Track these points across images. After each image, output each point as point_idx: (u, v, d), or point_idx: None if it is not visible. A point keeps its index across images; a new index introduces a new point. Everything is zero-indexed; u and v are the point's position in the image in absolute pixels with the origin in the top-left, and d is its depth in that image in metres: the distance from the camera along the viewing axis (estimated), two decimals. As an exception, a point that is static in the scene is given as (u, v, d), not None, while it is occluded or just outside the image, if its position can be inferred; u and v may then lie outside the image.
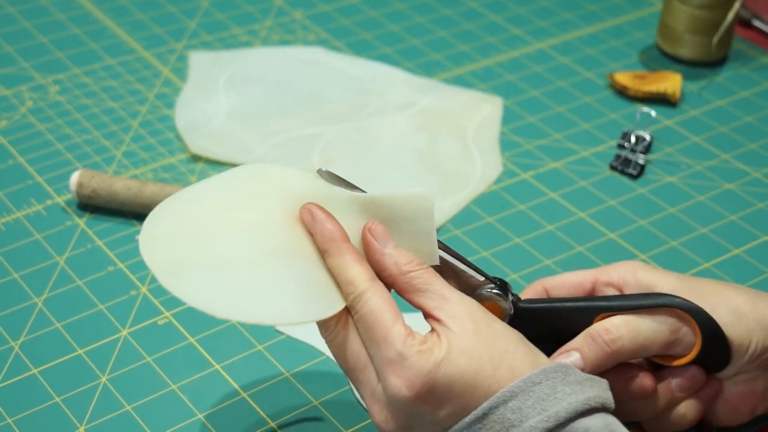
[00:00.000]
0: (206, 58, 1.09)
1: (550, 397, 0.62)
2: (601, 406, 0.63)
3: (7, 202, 0.92)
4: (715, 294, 0.70)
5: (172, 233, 0.66)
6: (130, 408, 0.75)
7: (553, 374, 0.63)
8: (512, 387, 0.62)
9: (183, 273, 0.65)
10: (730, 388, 0.72)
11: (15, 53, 1.10)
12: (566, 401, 0.62)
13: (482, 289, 0.71)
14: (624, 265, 0.73)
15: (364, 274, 0.65)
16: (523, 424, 0.61)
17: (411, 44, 1.14)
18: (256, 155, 0.97)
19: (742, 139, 1.03)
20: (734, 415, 0.73)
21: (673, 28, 1.11)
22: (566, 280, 0.74)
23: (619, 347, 0.69)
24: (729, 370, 0.70)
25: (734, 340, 0.69)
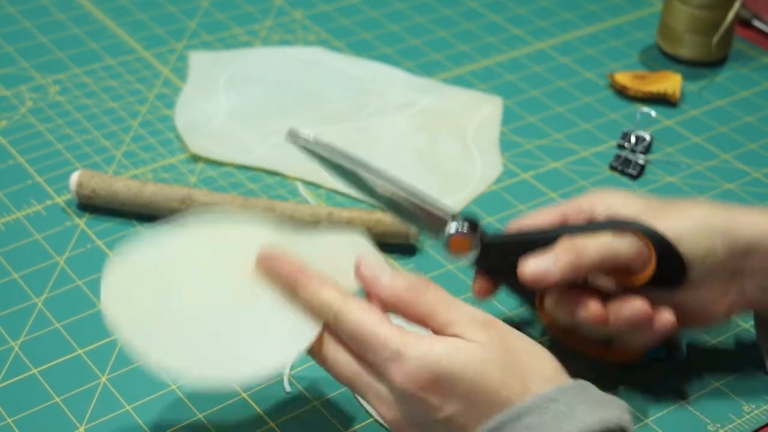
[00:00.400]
0: (206, 58, 1.09)
1: (567, 416, 0.61)
2: (619, 428, 0.62)
3: (6, 202, 0.92)
4: (677, 212, 0.73)
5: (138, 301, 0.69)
6: (130, 408, 0.75)
7: (572, 392, 0.62)
8: (528, 403, 0.61)
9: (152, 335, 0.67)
10: (702, 295, 0.74)
11: (15, 53, 1.10)
12: (582, 421, 0.61)
13: (451, 226, 0.73)
14: (593, 194, 0.76)
15: (334, 293, 0.66)
16: None
17: (411, 44, 1.14)
18: (256, 155, 0.97)
19: (742, 139, 1.03)
20: (711, 319, 0.76)
21: (673, 28, 1.11)
22: (538, 217, 0.76)
23: (587, 257, 0.71)
24: (695, 279, 0.73)
25: (693, 252, 0.72)
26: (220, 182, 0.95)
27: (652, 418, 0.76)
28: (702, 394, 0.78)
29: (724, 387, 0.79)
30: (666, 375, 0.79)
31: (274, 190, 0.94)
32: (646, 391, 0.78)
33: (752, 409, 0.77)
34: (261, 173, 0.96)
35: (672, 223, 0.72)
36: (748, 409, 0.77)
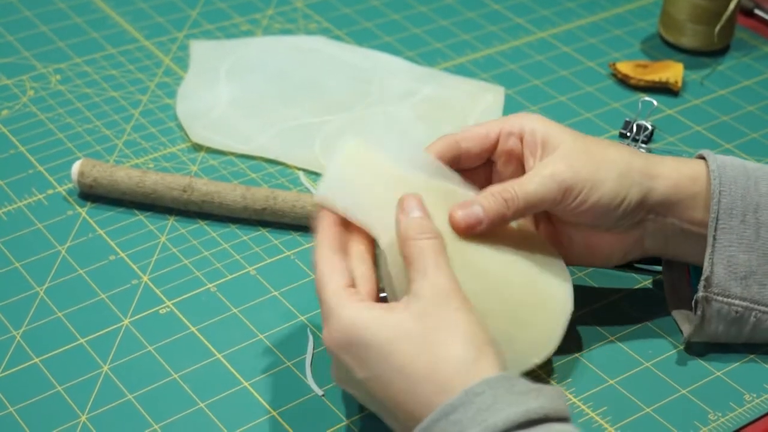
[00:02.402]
0: (207, 47, 1.09)
1: (491, 408, 0.62)
2: (544, 417, 0.63)
3: (8, 191, 0.92)
4: (600, 155, 0.76)
5: None
6: (131, 397, 0.75)
7: (496, 384, 0.63)
8: (454, 400, 0.63)
9: None
10: (605, 237, 0.78)
11: (16, 42, 1.09)
12: (505, 412, 0.62)
13: None
14: (526, 116, 0.79)
15: (321, 240, 0.71)
16: None
17: (412, 33, 1.14)
18: (258, 144, 0.97)
19: (744, 129, 1.03)
20: (605, 259, 0.81)
21: (675, 17, 1.11)
22: (474, 132, 0.79)
23: (515, 205, 0.74)
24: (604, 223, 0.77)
25: (610, 199, 0.75)
26: (222, 171, 0.95)
27: (653, 407, 0.76)
28: (703, 383, 0.78)
29: (724, 376, 0.79)
30: (667, 364, 0.79)
31: (276, 179, 0.94)
32: (647, 380, 0.78)
33: (753, 397, 0.77)
34: (262, 162, 0.96)
35: (596, 167, 0.75)
36: (749, 398, 0.77)
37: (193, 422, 0.74)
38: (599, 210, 0.76)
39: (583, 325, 0.82)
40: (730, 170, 0.78)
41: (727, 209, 0.76)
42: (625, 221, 0.77)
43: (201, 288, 0.84)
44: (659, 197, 0.76)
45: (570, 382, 0.78)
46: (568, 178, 0.75)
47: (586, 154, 0.76)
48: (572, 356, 0.80)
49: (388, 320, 0.66)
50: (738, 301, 0.77)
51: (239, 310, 0.82)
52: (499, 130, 0.79)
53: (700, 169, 0.78)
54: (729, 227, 0.76)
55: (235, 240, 0.88)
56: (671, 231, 0.78)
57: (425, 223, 0.70)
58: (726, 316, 0.77)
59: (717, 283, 0.76)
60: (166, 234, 0.88)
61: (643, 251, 0.80)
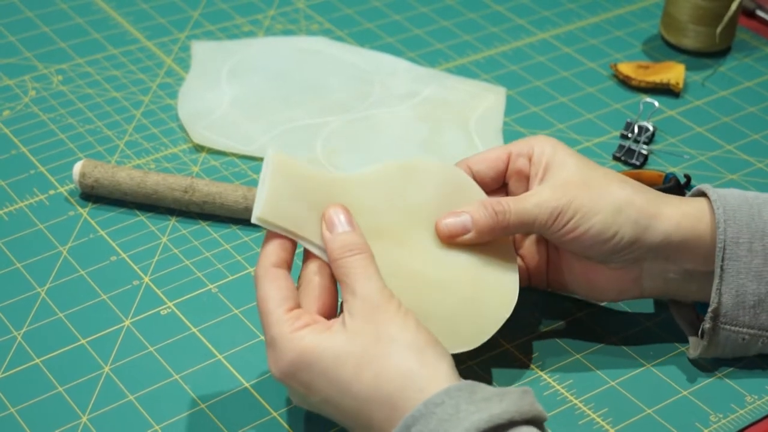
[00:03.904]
0: (209, 48, 1.09)
1: (453, 418, 0.62)
2: (509, 421, 0.62)
3: (9, 192, 0.92)
4: (600, 187, 0.76)
5: None
6: (132, 398, 0.75)
7: (457, 393, 0.63)
8: (414, 412, 0.63)
9: None
10: (601, 271, 0.78)
11: (18, 43, 1.09)
12: (468, 421, 0.62)
13: None
14: (538, 138, 0.79)
15: (261, 260, 0.70)
16: None
17: (414, 34, 1.14)
18: (259, 145, 0.97)
19: (745, 130, 1.03)
20: (600, 294, 0.80)
21: (677, 18, 1.11)
22: (485, 156, 0.79)
23: (506, 220, 0.75)
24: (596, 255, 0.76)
25: (600, 232, 0.75)
26: (223, 172, 0.95)
27: (653, 408, 0.76)
28: (704, 384, 0.78)
29: (726, 378, 0.79)
30: (668, 365, 0.79)
31: (277, 180, 0.94)
32: (648, 381, 0.78)
33: (754, 399, 0.77)
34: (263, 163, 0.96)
35: (592, 198, 0.75)
36: (750, 400, 0.77)
37: (194, 423, 0.74)
38: (589, 241, 0.75)
39: (584, 326, 0.82)
40: (731, 200, 0.77)
41: (733, 238, 0.75)
42: (618, 256, 0.76)
43: (202, 289, 0.84)
44: (659, 237, 0.75)
45: (571, 383, 0.78)
46: (560, 205, 0.75)
47: (585, 184, 0.75)
48: (573, 357, 0.80)
49: (328, 343, 0.66)
50: (746, 329, 0.76)
51: (240, 310, 0.82)
52: (509, 152, 0.78)
53: (702, 207, 0.77)
54: (736, 256, 0.75)
55: (236, 241, 0.88)
56: (672, 273, 0.77)
57: (348, 239, 0.70)
58: (734, 342, 0.77)
59: (725, 313, 0.76)
60: (168, 235, 0.88)
61: (641, 293, 0.79)
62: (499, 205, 0.75)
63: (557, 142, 0.78)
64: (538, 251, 0.81)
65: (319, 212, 0.71)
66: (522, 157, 0.78)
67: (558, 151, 0.77)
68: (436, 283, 0.74)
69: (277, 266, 0.70)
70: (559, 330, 0.82)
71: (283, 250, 0.70)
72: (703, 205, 0.77)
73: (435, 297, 0.73)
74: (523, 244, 0.82)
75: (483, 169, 0.78)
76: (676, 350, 0.81)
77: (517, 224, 0.75)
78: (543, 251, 0.81)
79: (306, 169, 0.72)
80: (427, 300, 0.73)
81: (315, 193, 0.72)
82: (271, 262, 0.70)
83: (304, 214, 0.71)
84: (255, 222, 0.70)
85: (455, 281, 0.74)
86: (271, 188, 0.71)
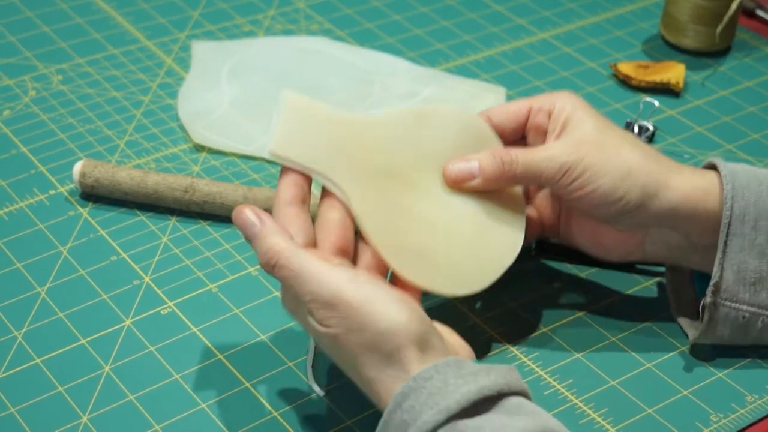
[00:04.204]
0: (209, 48, 1.09)
1: (442, 391, 0.63)
2: (498, 393, 0.63)
3: (9, 191, 0.92)
4: (613, 149, 0.76)
5: None
6: (133, 397, 0.75)
7: (445, 368, 0.64)
8: (404, 388, 0.63)
9: None
10: (607, 231, 0.79)
11: (18, 43, 1.09)
12: (458, 393, 0.62)
13: None
14: (560, 94, 0.79)
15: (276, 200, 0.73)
16: (417, 422, 0.62)
17: (414, 34, 1.14)
18: (259, 145, 0.97)
19: (745, 129, 1.03)
20: (606, 253, 0.81)
21: (677, 18, 1.11)
22: (507, 107, 0.80)
23: (513, 170, 0.75)
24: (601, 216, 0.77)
25: (607, 193, 0.75)
26: (223, 172, 0.95)
27: (654, 408, 0.76)
28: (705, 384, 0.78)
29: (726, 377, 0.79)
30: (669, 365, 0.79)
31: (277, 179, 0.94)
32: (649, 381, 0.78)
33: (755, 399, 0.77)
34: (264, 163, 0.96)
35: (603, 159, 0.75)
36: (751, 399, 0.77)
37: (194, 423, 0.74)
38: (595, 201, 0.76)
39: (585, 326, 0.82)
40: (741, 176, 0.77)
41: (739, 215, 0.76)
42: (624, 219, 0.77)
43: (202, 288, 0.84)
44: (666, 206, 0.76)
45: (571, 383, 0.78)
46: (570, 162, 0.75)
47: (598, 145, 0.76)
48: (574, 357, 0.80)
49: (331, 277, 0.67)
50: (746, 306, 0.77)
51: (241, 310, 0.82)
52: (530, 106, 0.79)
53: (712, 179, 0.77)
54: (741, 233, 0.76)
55: (236, 240, 0.88)
56: (675, 242, 0.78)
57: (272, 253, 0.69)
58: (734, 321, 0.77)
59: (726, 289, 0.76)
60: (168, 234, 0.88)
61: (644, 256, 0.80)
62: (507, 155, 0.75)
63: (579, 99, 0.79)
64: (551, 204, 0.82)
65: (332, 147, 0.73)
66: (542, 112, 0.79)
67: (578, 109, 0.78)
68: (441, 227, 0.75)
69: (290, 204, 0.71)
70: (559, 330, 0.82)
71: (297, 186, 0.72)
72: (714, 178, 0.77)
73: (439, 240, 0.74)
74: (537, 196, 0.82)
75: (503, 121, 0.79)
76: (677, 350, 0.81)
77: (523, 176, 0.76)
78: (556, 204, 0.82)
79: (320, 107, 0.74)
80: (430, 242, 0.74)
81: (328, 130, 0.73)
82: (286, 201, 0.71)
83: (317, 149, 0.72)
84: (269, 157, 0.72)
85: (461, 226, 0.75)
86: (284, 123, 0.72)
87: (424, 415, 0.62)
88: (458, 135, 0.77)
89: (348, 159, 0.73)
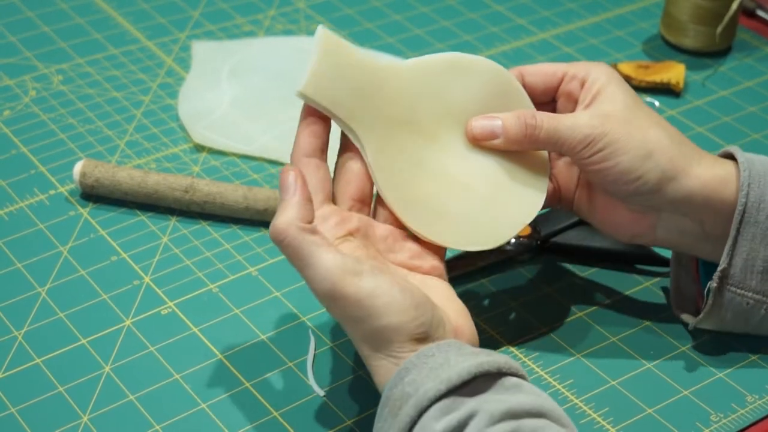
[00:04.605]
0: (209, 48, 1.09)
1: (444, 366, 0.64)
2: (497, 371, 0.65)
3: (10, 191, 0.92)
4: (639, 128, 0.75)
5: None
6: (133, 397, 0.75)
7: (447, 348, 0.66)
8: (406, 363, 0.65)
9: None
10: (620, 208, 0.78)
11: (18, 43, 1.09)
12: (459, 366, 0.64)
13: None
14: (597, 65, 0.78)
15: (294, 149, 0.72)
16: (418, 392, 0.63)
17: (414, 34, 1.14)
18: (259, 145, 0.97)
19: (745, 129, 1.03)
20: (615, 231, 0.79)
21: (677, 18, 1.11)
22: (541, 69, 0.79)
23: (535, 135, 0.75)
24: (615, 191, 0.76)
25: (627, 170, 0.74)
26: (223, 172, 0.95)
27: (654, 408, 0.76)
28: (705, 384, 0.78)
29: (727, 377, 0.79)
30: (669, 365, 0.79)
31: (277, 179, 0.94)
32: (649, 381, 0.78)
33: (755, 399, 0.77)
34: (264, 163, 0.96)
35: (627, 136, 0.75)
36: (751, 400, 0.77)
37: (194, 423, 0.74)
38: (612, 176, 0.75)
39: (585, 326, 0.82)
40: (759, 165, 0.77)
41: (755, 203, 0.75)
42: (639, 199, 0.76)
43: (203, 288, 0.84)
44: (682, 193, 0.75)
45: (572, 383, 0.78)
46: (593, 134, 0.74)
47: (625, 121, 0.75)
48: (574, 357, 0.80)
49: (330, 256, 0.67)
50: (752, 293, 0.77)
51: (241, 310, 0.82)
52: (566, 71, 0.78)
53: (730, 170, 0.77)
54: (755, 221, 0.75)
55: (236, 240, 0.88)
56: (688, 229, 0.77)
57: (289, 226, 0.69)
58: (737, 306, 0.77)
59: (733, 275, 0.76)
60: (168, 234, 0.89)
61: (654, 240, 0.79)
62: (532, 119, 0.75)
63: (614, 72, 0.78)
64: (570, 174, 0.81)
65: (356, 95, 0.73)
66: (576, 80, 0.78)
67: (612, 83, 0.77)
68: (458, 182, 0.75)
69: (309, 155, 0.72)
70: (559, 330, 0.82)
71: (316, 137, 0.72)
72: (732, 168, 0.77)
73: (454, 195, 0.74)
74: (557, 164, 0.81)
75: (535, 81, 0.78)
76: (677, 350, 0.81)
77: (545, 141, 0.75)
78: (574, 175, 0.81)
79: (353, 52, 0.74)
80: (445, 197, 0.74)
81: (358, 77, 0.73)
82: (304, 152, 0.72)
83: (344, 96, 0.72)
84: (297, 96, 0.72)
85: (479, 183, 0.75)
86: (316, 65, 0.72)
87: (425, 385, 0.63)
88: (488, 90, 0.76)
89: (370, 108, 0.73)
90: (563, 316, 0.83)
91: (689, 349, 0.81)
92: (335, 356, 0.79)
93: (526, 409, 0.63)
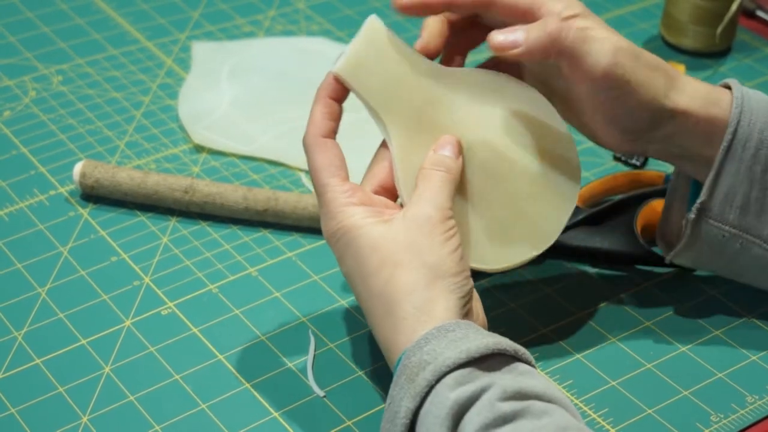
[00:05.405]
0: (209, 49, 1.09)
1: (463, 339, 0.66)
2: (514, 353, 0.66)
3: (10, 192, 0.92)
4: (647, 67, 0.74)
5: None
6: (133, 398, 0.75)
7: (466, 325, 0.67)
8: (426, 334, 0.66)
9: None
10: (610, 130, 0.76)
11: (18, 43, 1.10)
12: (477, 341, 0.65)
13: None
14: None
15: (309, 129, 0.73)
16: (437, 359, 0.64)
17: (414, 34, 1.14)
18: (259, 145, 0.97)
19: (745, 130, 1.03)
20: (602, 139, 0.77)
21: (677, 19, 1.11)
22: None
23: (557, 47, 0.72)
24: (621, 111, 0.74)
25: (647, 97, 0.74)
26: (223, 172, 0.95)
27: (654, 408, 0.76)
28: (705, 384, 0.78)
29: (727, 378, 0.79)
30: (669, 365, 0.79)
31: (277, 180, 0.94)
32: (649, 381, 0.78)
33: (755, 399, 0.77)
34: (264, 163, 0.96)
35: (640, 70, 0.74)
36: (751, 400, 0.77)
37: (194, 423, 0.74)
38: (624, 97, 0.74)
39: (585, 326, 0.82)
40: (754, 102, 0.76)
41: (742, 139, 0.75)
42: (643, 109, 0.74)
43: (203, 289, 0.84)
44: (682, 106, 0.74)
45: (572, 383, 0.78)
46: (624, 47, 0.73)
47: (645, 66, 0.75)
48: (574, 357, 0.80)
49: (369, 230, 0.69)
50: (728, 227, 0.77)
51: (241, 311, 0.82)
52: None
53: (726, 97, 0.76)
54: (740, 157, 0.75)
55: (236, 241, 0.88)
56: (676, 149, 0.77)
57: (444, 160, 0.72)
58: (713, 238, 0.77)
59: (712, 208, 0.76)
60: (168, 235, 0.89)
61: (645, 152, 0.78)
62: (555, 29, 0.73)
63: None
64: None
65: (393, 89, 0.73)
66: None
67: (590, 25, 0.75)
68: (477, 199, 0.75)
69: (325, 136, 0.73)
70: (559, 330, 0.82)
71: (331, 119, 0.74)
72: (727, 96, 0.76)
73: (472, 211, 0.75)
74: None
75: None
76: (677, 350, 0.81)
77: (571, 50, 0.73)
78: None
79: (398, 45, 0.74)
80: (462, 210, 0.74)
81: (396, 72, 0.74)
82: (320, 132, 0.73)
83: (378, 87, 0.73)
84: (333, 72, 0.73)
85: (498, 204, 0.75)
86: (356, 49, 0.73)
87: (444, 354, 0.64)
88: (524, 114, 0.76)
89: (401, 105, 0.73)
90: (563, 316, 0.83)
91: (689, 349, 0.81)
92: (335, 356, 0.79)
93: (537, 392, 0.64)
